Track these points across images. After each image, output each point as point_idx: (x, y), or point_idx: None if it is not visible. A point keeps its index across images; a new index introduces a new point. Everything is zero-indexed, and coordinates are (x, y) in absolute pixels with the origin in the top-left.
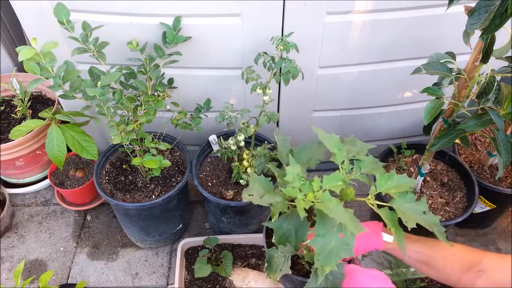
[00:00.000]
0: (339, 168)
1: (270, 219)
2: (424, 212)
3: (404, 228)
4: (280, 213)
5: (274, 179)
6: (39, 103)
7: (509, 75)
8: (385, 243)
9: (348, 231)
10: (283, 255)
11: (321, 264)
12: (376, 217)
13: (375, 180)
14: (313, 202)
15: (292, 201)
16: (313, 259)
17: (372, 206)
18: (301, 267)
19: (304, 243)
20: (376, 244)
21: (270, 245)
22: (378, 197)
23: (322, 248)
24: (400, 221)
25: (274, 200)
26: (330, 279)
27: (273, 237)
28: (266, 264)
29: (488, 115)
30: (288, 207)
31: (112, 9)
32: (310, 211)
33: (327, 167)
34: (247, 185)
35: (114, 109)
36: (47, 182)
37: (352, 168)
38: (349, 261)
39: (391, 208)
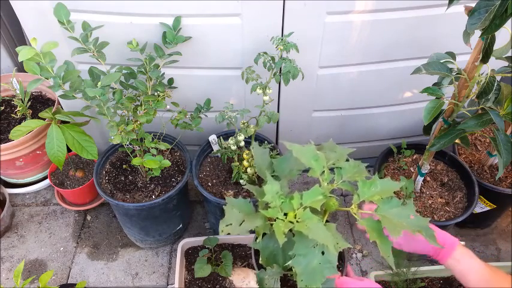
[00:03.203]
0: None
1: (256, 239)
2: (411, 216)
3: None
4: (264, 234)
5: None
6: (39, 103)
7: (509, 75)
8: (453, 259)
9: (331, 248)
10: (271, 277)
11: (305, 285)
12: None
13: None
14: (292, 223)
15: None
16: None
17: (356, 216)
18: (293, 283)
19: (286, 263)
20: (442, 254)
21: (260, 264)
22: (362, 205)
23: (304, 268)
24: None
25: (254, 225)
26: None
27: (260, 259)
28: (257, 285)
29: (488, 115)
30: (272, 225)
31: (112, 9)
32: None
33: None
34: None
35: (114, 109)
36: (47, 182)
37: (333, 177)
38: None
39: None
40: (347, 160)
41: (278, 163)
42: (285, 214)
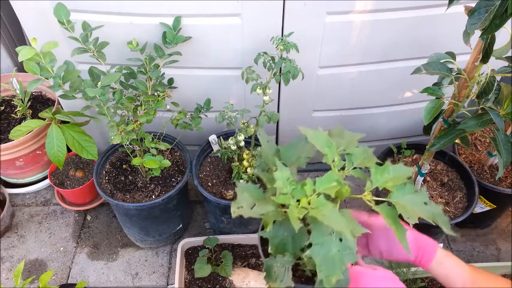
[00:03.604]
0: (330, 168)
1: (263, 227)
2: (425, 203)
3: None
4: (274, 221)
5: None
6: (39, 103)
7: (509, 75)
8: (435, 262)
9: (348, 234)
10: (282, 265)
11: (325, 275)
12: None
13: (370, 174)
14: (306, 209)
15: (285, 206)
16: (315, 266)
17: (370, 203)
18: (301, 273)
19: (304, 254)
20: (424, 259)
21: (266, 253)
22: (375, 192)
23: (323, 257)
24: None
25: (266, 209)
26: (335, 286)
27: (269, 247)
28: (265, 273)
29: (488, 115)
30: (285, 212)
31: (112, 9)
32: (304, 217)
33: (314, 167)
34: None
35: (114, 109)
36: (47, 182)
37: (344, 164)
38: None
39: (390, 203)
40: (356, 146)
41: (285, 150)
42: (297, 201)
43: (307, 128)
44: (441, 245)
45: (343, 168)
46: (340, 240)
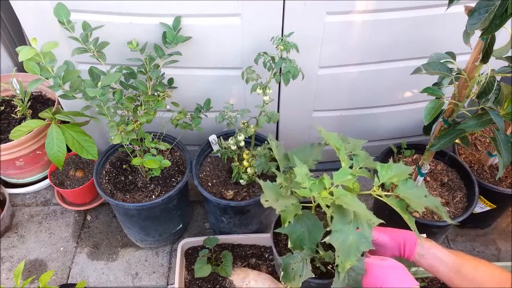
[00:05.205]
0: (328, 171)
1: (276, 224)
2: (425, 196)
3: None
4: (293, 215)
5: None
6: (39, 103)
7: (509, 75)
8: (417, 254)
9: (365, 224)
10: (301, 259)
11: (341, 260)
12: (379, 212)
13: (374, 172)
14: (331, 199)
15: (303, 202)
16: (331, 258)
17: (379, 197)
18: (315, 270)
19: (323, 240)
20: (407, 253)
21: (280, 252)
22: (381, 188)
23: (341, 243)
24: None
25: (289, 202)
26: (352, 275)
27: (288, 243)
28: (282, 272)
29: (488, 115)
30: (302, 207)
31: (112, 9)
32: (317, 210)
33: (315, 168)
34: (247, 185)
35: (114, 109)
36: (47, 182)
37: (351, 164)
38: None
39: (397, 196)
40: (361, 150)
41: (293, 154)
42: (318, 194)
43: (321, 127)
44: (424, 235)
45: (351, 167)
46: (357, 229)
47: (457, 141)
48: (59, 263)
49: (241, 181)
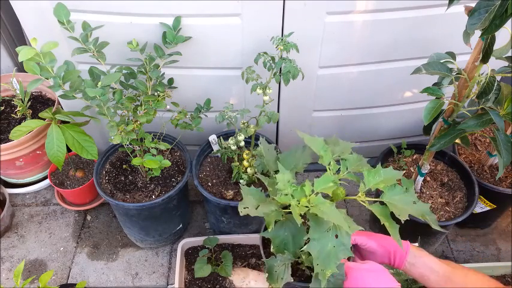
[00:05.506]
0: (326, 170)
1: (265, 229)
2: (414, 202)
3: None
4: (275, 222)
5: (265, 188)
6: (39, 103)
7: (509, 75)
8: (408, 263)
9: (343, 231)
10: (282, 263)
11: (321, 268)
12: (377, 217)
13: (363, 177)
14: (307, 207)
15: (286, 208)
16: (313, 264)
17: (363, 203)
18: (301, 272)
19: (301, 249)
20: (397, 262)
21: (268, 254)
22: (368, 193)
23: (319, 251)
24: (392, 215)
25: (269, 209)
26: (332, 281)
27: (271, 247)
28: (267, 274)
29: (488, 115)
30: (282, 215)
31: (112, 9)
32: (304, 216)
33: (313, 167)
34: (247, 185)
35: (114, 109)
36: (47, 182)
37: (339, 168)
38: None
39: (382, 203)
40: (350, 153)
41: (284, 157)
42: (298, 201)
43: (304, 133)
44: (416, 244)
45: (338, 172)
46: (336, 237)
47: (457, 141)
48: (59, 263)
49: (241, 181)
